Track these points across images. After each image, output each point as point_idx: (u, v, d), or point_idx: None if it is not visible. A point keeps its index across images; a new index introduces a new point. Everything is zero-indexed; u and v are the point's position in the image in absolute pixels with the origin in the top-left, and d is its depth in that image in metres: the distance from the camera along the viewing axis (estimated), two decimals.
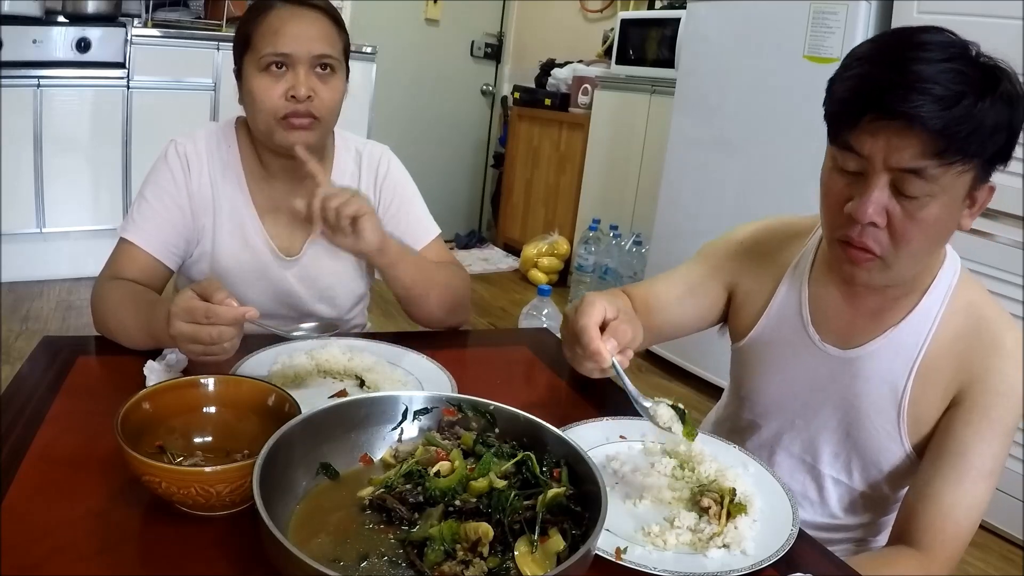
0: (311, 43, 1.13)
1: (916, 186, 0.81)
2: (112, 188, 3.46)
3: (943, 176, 0.80)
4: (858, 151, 0.83)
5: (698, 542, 0.74)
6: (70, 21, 3.30)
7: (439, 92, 4.86)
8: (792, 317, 1.04)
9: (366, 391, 0.97)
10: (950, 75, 0.77)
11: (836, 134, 0.86)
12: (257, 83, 1.14)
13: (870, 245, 0.86)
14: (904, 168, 0.80)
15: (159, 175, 1.21)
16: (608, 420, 0.95)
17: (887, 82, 0.79)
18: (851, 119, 0.82)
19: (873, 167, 0.82)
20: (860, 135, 0.82)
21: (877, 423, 0.98)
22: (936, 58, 0.78)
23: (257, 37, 1.14)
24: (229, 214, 1.23)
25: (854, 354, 0.98)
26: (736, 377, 1.16)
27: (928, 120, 0.77)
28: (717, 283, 1.12)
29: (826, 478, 1.04)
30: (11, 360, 2.61)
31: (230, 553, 0.66)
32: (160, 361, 0.95)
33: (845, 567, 0.77)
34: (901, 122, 0.78)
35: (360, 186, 1.30)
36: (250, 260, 1.24)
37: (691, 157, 2.92)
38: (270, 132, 1.16)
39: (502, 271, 4.42)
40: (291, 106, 1.13)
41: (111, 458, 0.75)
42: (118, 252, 1.18)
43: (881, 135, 0.80)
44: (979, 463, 0.90)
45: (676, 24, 3.36)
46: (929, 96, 0.77)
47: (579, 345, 0.86)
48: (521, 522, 0.65)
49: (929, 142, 0.78)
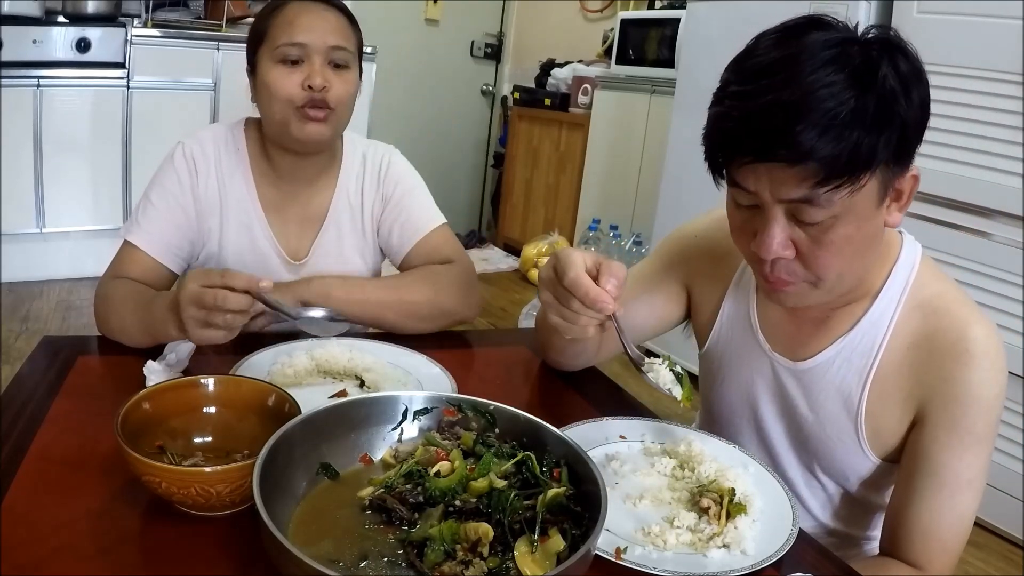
0: (326, 34, 1.15)
1: (813, 213, 0.76)
2: (112, 188, 3.46)
3: (838, 199, 0.75)
4: (745, 188, 0.79)
5: (698, 542, 0.74)
6: (70, 21, 3.30)
7: (439, 92, 4.87)
8: (743, 324, 1.01)
9: (366, 391, 0.97)
10: (820, 94, 0.71)
11: (718, 172, 0.82)
12: (273, 74, 1.14)
13: (785, 279, 0.82)
14: (793, 200, 0.76)
15: (165, 178, 1.21)
16: (608, 420, 0.95)
17: (757, 120, 0.74)
18: (728, 159, 0.79)
19: (764, 201, 0.78)
20: (742, 172, 0.78)
21: (834, 435, 0.94)
22: (806, 77, 0.72)
23: (272, 29, 1.15)
24: (237, 217, 1.23)
25: (804, 366, 0.94)
26: (702, 385, 1.13)
27: (802, 153, 0.72)
28: (674, 280, 1.08)
29: (799, 486, 1.01)
30: (11, 360, 2.61)
31: (230, 553, 0.66)
32: (160, 361, 0.95)
33: (845, 567, 0.77)
34: (780, 160, 0.74)
35: (364, 186, 1.30)
36: (256, 263, 1.23)
37: (691, 157, 2.89)
38: (286, 123, 1.16)
39: (502, 271, 4.42)
40: (307, 95, 1.13)
41: (111, 458, 0.75)
42: (121, 255, 1.18)
43: (762, 170, 0.76)
44: (953, 477, 0.85)
45: (676, 24, 3.36)
46: (798, 126, 0.71)
47: (574, 300, 0.79)
48: (521, 522, 0.65)
49: (811, 173, 0.73)
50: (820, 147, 0.71)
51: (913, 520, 0.87)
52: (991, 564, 2.06)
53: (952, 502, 0.86)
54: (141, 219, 1.18)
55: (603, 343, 1.09)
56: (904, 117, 0.74)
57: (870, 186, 0.76)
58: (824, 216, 0.77)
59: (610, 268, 0.79)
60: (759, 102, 0.74)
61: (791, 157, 0.73)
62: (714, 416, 1.09)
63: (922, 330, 0.88)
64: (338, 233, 1.29)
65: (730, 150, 0.78)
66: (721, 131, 0.79)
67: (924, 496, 0.86)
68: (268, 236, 1.24)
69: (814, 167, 0.73)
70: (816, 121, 0.71)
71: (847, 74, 0.72)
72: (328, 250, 1.28)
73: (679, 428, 0.95)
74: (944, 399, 0.86)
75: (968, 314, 0.87)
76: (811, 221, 0.77)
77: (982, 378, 0.85)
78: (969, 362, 0.85)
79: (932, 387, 0.87)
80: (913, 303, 0.89)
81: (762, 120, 0.74)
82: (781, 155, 0.73)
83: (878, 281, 0.90)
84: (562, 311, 0.82)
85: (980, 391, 0.85)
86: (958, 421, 0.85)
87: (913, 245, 0.93)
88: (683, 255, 1.08)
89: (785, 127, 0.72)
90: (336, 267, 1.27)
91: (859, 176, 0.74)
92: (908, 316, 0.89)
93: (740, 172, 0.79)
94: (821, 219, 0.77)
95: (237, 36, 3.61)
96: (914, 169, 0.81)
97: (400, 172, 1.33)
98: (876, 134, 0.73)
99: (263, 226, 1.24)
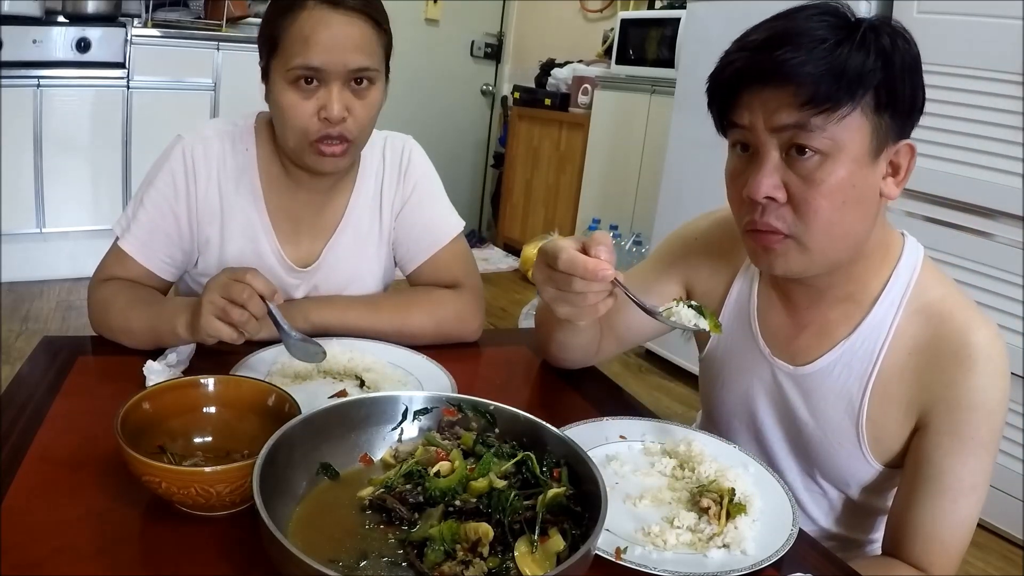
0: (346, 55, 1.01)
1: (805, 141, 0.78)
2: (112, 188, 3.46)
3: (828, 127, 0.77)
4: (741, 124, 0.82)
5: (698, 542, 0.74)
6: (70, 21, 3.31)
7: (439, 92, 4.87)
8: (743, 328, 1.00)
9: (366, 391, 0.97)
10: (809, 27, 0.77)
11: (720, 117, 0.85)
12: (285, 98, 1.03)
13: (775, 224, 0.82)
14: (784, 126, 0.79)
15: (160, 178, 1.12)
16: (608, 420, 0.95)
17: (752, 49, 0.80)
18: (728, 96, 0.82)
19: (758, 136, 0.81)
20: (739, 109, 0.82)
21: (835, 441, 0.93)
22: (798, 16, 0.79)
23: (286, 42, 1.01)
24: (241, 226, 1.15)
25: (804, 371, 0.94)
26: (702, 389, 1.13)
27: (790, 71, 0.76)
28: (673, 282, 1.07)
29: (799, 491, 1.00)
30: (11, 360, 2.61)
31: (230, 553, 0.66)
32: (160, 361, 0.95)
33: (845, 567, 0.77)
34: (771, 84, 0.78)
35: (384, 183, 1.23)
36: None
37: (691, 157, 2.91)
38: (300, 153, 1.07)
39: (502, 271, 4.42)
40: (323, 129, 1.03)
41: (111, 458, 0.75)
42: (113, 257, 1.12)
43: (756, 100, 0.80)
44: (956, 483, 0.85)
45: (676, 24, 3.36)
46: (787, 49, 0.76)
47: (575, 280, 0.78)
48: (521, 522, 0.64)
49: (798, 93, 0.77)
50: (806, 68, 0.76)
51: (915, 525, 0.87)
52: (991, 564, 2.06)
53: (955, 507, 0.85)
54: (133, 224, 1.11)
55: (603, 341, 1.09)
56: (893, 72, 0.78)
57: (861, 129, 0.78)
58: (814, 147, 0.78)
59: (595, 239, 0.79)
60: (752, 39, 0.81)
61: (778, 78, 0.77)
62: (714, 420, 1.08)
63: (924, 335, 0.87)
64: (354, 237, 1.21)
65: (726, 84, 0.82)
66: (718, 70, 0.83)
67: (926, 501, 0.86)
68: (275, 248, 1.16)
69: (801, 89, 0.76)
70: (802, 45, 0.76)
71: (837, 25, 0.78)
72: (340, 256, 1.20)
73: (679, 428, 0.95)
74: (947, 405, 0.85)
75: (970, 319, 0.86)
76: (803, 154, 0.79)
77: (985, 384, 0.84)
78: (972, 368, 0.84)
79: (935, 393, 0.86)
80: (914, 307, 0.88)
81: (754, 50, 0.80)
82: (769, 77, 0.78)
83: (879, 285, 0.90)
84: (567, 297, 0.81)
85: (983, 397, 0.84)
86: (961, 427, 0.85)
87: (915, 248, 0.92)
88: (683, 256, 1.07)
89: (773, 53, 0.77)
90: (347, 276, 1.21)
91: (844, 99, 0.76)
92: (909, 321, 0.88)
93: (736, 109, 0.82)
94: (810, 151, 0.79)
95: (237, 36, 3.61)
96: (910, 142, 0.82)
97: (422, 169, 1.25)
98: (860, 62, 0.76)
99: (270, 238, 1.16)
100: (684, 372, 3.03)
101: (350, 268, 1.21)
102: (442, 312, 1.17)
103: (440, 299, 1.19)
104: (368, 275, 1.24)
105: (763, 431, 1.00)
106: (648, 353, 3.22)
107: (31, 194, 3.31)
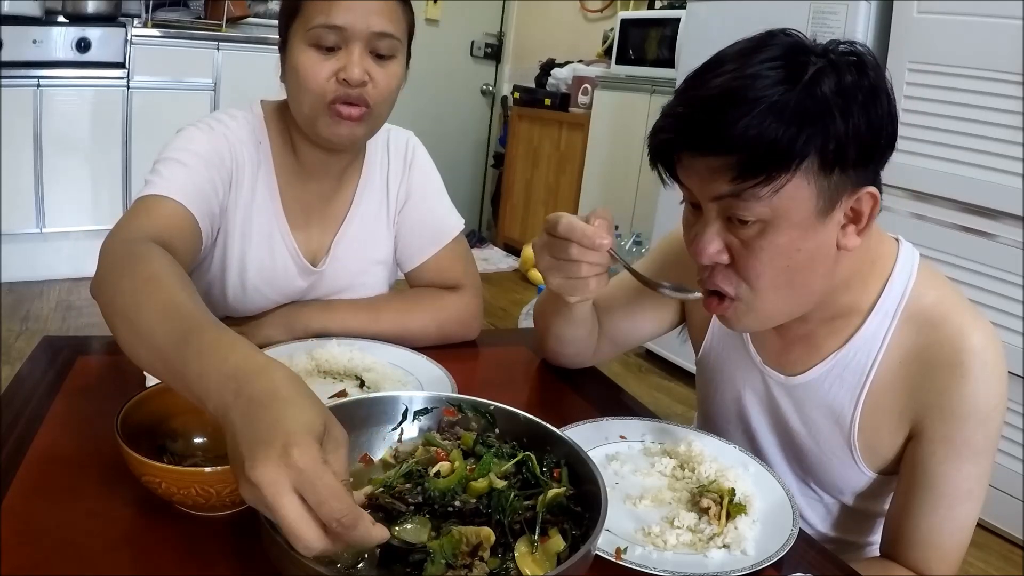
0: (370, 17, 0.98)
1: (742, 212, 0.75)
2: (112, 188, 3.46)
3: (765, 197, 0.73)
4: (684, 184, 0.80)
5: (698, 542, 0.74)
6: (70, 21, 3.31)
7: (439, 92, 4.86)
8: (735, 335, 0.99)
9: (366, 391, 0.97)
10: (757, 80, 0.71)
11: (659, 169, 0.82)
12: (303, 59, 0.98)
13: (722, 286, 0.81)
14: (720, 195, 0.75)
15: (199, 145, 1.02)
16: (608, 420, 0.95)
17: (689, 108, 0.75)
18: (667, 159, 0.80)
19: (700, 200, 0.79)
20: (680, 170, 0.79)
21: (827, 450, 0.93)
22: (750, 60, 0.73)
23: (307, 3, 0.99)
24: (259, 224, 1.11)
25: (795, 381, 0.93)
26: (698, 392, 1.13)
27: (720, 142, 0.72)
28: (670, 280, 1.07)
29: (795, 496, 1.00)
30: (11, 360, 2.61)
31: (230, 553, 0.66)
32: None
33: (846, 567, 0.77)
34: (704, 152, 0.74)
35: (389, 175, 1.21)
36: (272, 275, 1.13)
37: None
38: (314, 119, 1.02)
39: (502, 271, 4.42)
40: (341, 90, 0.99)
41: (111, 458, 0.74)
42: (138, 208, 0.94)
43: (693, 167, 0.77)
44: (952, 489, 0.84)
45: (676, 24, 3.36)
46: (725, 112, 0.71)
47: (572, 246, 0.78)
48: (521, 522, 0.64)
49: (730, 164, 0.72)
50: (737, 137, 0.71)
51: (912, 531, 0.86)
52: (991, 564, 2.06)
53: (952, 513, 0.85)
54: (166, 173, 0.97)
55: (599, 341, 1.09)
56: (838, 127, 0.72)
57: (803, 193, 0.74)
58: (753, 217, 0.75)
59: (596, 212, 0.80)
60: (692, 94, 0.76)
61: (710, 146, 0.73)
62: (709, 424, 1.08)
63: (916, 344, 0.85)
64: (361, 231, 1.19)
65: (665, 145, 0.79)
66: (654, 132, 0.79)
67: (923, 508, 0.85)
68: (291, 246, 1.13)
69: (733, 159, 0.72)
70: (737, 112, 0.71)
71: (782, 71, 0.72)
72: (347, 251, 1.18)
73: (679, 428, 0.95)
74: (941, 413, 0.84)
75: (965, 323, 0.84)
76: (742, 220, 0.76)
77: (979, 390, 0.82)
78: (965, 375, 0.82)
79: (928, 402, 0.85)
80: (907, 316, 0.86)
81: (688, 112, 0.76)
82: (700, 144, 0.74)
83: (870, 298, 0.87)
84: (562, 266, 0.81)
85: (977, 404, 0.82)
86: (955, 435, 0.83)
87: (910, 254, 0.89)
88: (678, 257, 1.05)
89: (706, 118, 0.73)
90: (353, 272, 1.19)
91: (776, 173, 0.72)
92: (902, 330, 0.86)
93: (679, 168, 0.79)
94: (750, 219, 0.75)
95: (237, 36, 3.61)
96: (872, 189, 0.77)
97: (425, 165, 1.24)
98: (796, 131, 0.71)
99: (284, 233, 1.12)
100: (684, 372, 3.03)
101: (358, 260, 1.19)
102: (444, 315, 1.17)
103: (441, 302, 1.19)
104: (376, 266, 1.22)
105: (757, 437, 1.00)
106: (648, 353, 3.22)
107: (31, 194, 3.31)
